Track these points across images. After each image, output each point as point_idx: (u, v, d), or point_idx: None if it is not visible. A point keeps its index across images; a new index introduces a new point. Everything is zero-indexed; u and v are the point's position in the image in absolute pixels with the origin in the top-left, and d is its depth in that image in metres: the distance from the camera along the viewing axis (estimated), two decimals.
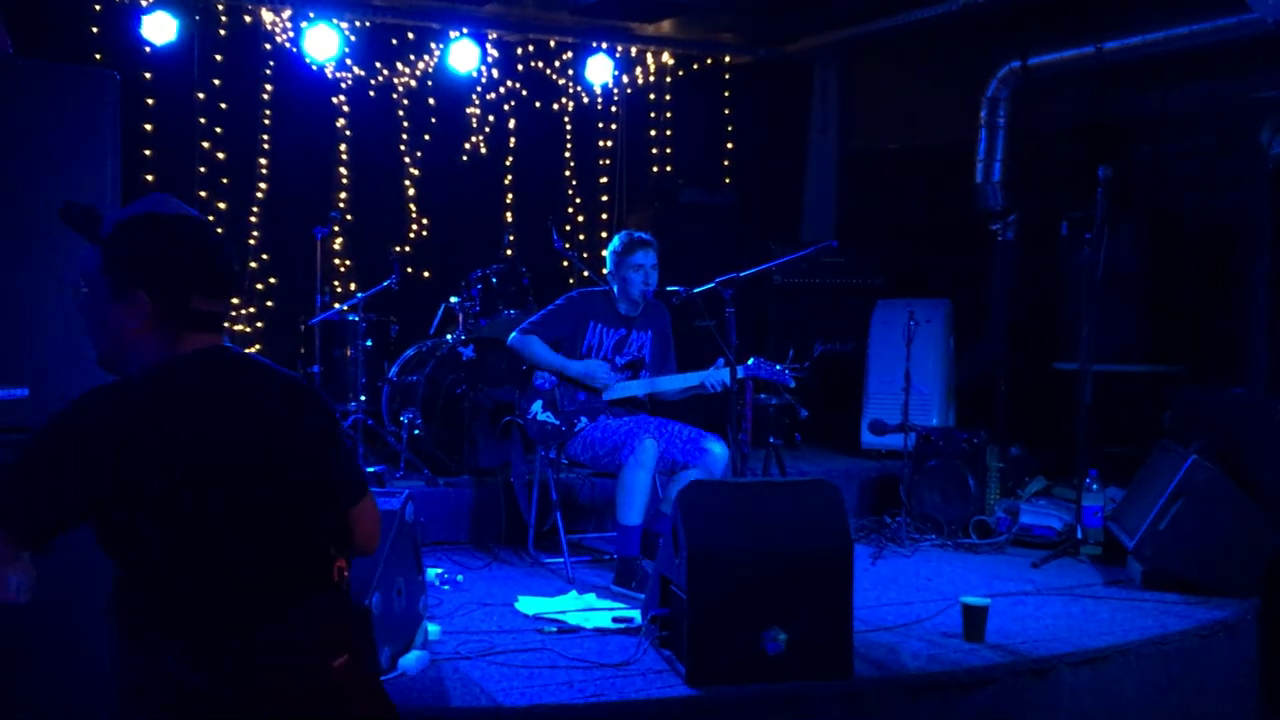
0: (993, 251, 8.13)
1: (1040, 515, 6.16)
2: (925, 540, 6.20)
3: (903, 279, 8.49)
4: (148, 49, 7.33)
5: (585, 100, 9.15)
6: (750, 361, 5.25)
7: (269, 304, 7.97)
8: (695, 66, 9.48)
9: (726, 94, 9.56)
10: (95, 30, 7.29)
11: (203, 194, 7.72)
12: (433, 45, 8.45)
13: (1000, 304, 8.09)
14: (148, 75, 7.44)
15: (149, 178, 7.38)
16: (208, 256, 2.08)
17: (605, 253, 5.59)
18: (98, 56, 7.13)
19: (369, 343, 6.91)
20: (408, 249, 8.42)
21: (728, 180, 9.46)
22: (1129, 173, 7.05)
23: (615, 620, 4.57)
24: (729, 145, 9.54)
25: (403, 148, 8.53)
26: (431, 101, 8.58)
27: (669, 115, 9.40)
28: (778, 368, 5.25)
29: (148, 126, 7.44)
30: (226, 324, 2.19)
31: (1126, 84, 7.64)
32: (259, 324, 7.94)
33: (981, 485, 6.31)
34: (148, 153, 7.42)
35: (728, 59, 9.55)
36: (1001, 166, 8.03)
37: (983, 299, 8.18)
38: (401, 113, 8.51)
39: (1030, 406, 7.62)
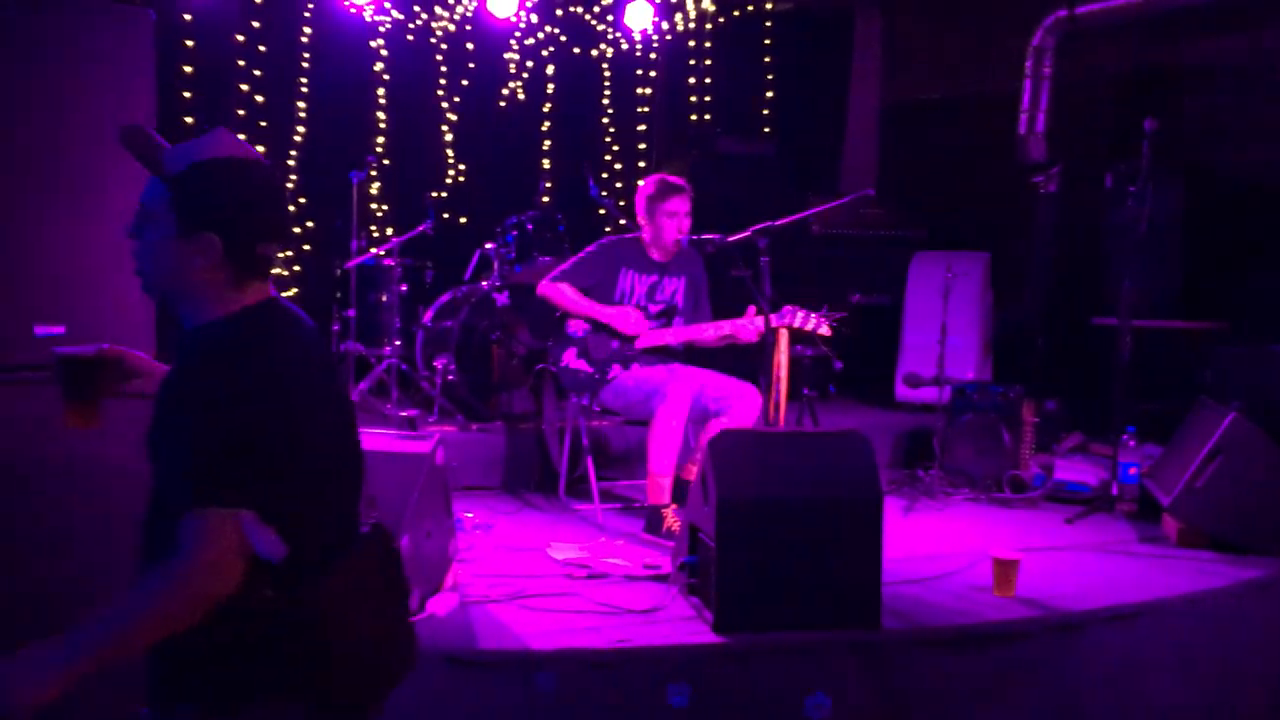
0: (1034, 204, 8.02)
1: (1075, 471, 6.12)
2: (958, 494, 6.16)
3: (941, 231, 8.40)
4: None
5: (624, 47, 9.06)
6: (784, 310, 5.21)
7: (305, 248, 8.00)
8: (736, 13, 9.36)
9: (767, 42, 9.45)
10: None
11: (241, 137, 7.68)
12: None
13: (1040, 257, 7.99)
14: (187, 17, 7.43)
15: (188, 120, 7.39)
16: (275, 202, 2.11)
17: (637, 198, 5.56)
18: None
19: (404, 288, 6.92)
20: (444, 194, 8.41)
21: (767, 130, 9.37)
22: (1175, 125, 6.91)
23: (644, 567, 4.58)
24: (769, 94, 9.44)
25: (440, 93, 8.49)
26: (470, 46, 8.53)
27: (708, 63, 9.30)
28: (812, 317, 5.21)
29: (187, 69, 7.44)
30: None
31: (1174, 34, 7.48)
32: (295, 268, 7.97)
33: (1016, 440, 6.26)
34: (187, 95, 7.43)
35: (769, 6, 9.43)
36: (1046, 118, 7.90)
37: (1022, 252, 8.08)
38: (439, 57, 8.47)
39: (1068, 361, 7.55)
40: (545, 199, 8.33)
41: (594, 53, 9.00)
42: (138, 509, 3.23)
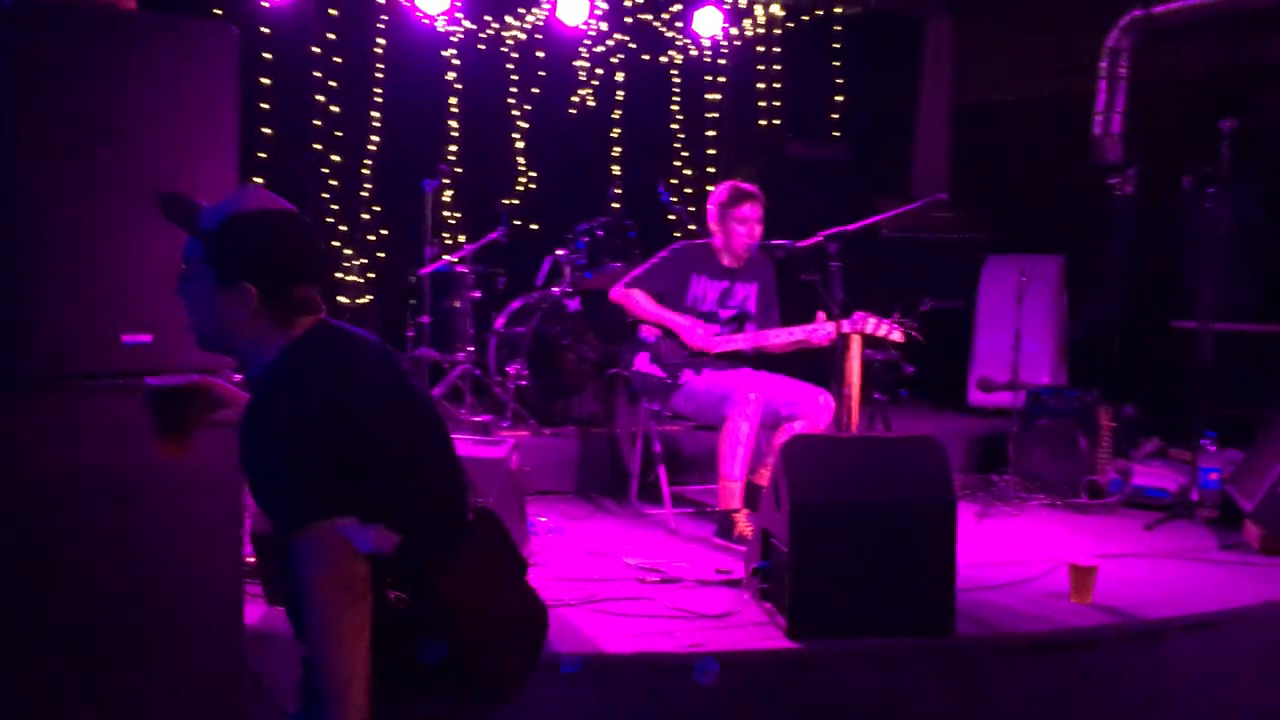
0: (1109, 206, 7.92)
1: (1154, 477, 6.03)
2: (1033, 500, 6.10)
3: (1014, 234, 8.31)
4: (266, 4, 7.45)
5: (693, 53, 9.09)
6: (856, 317, 5.19)
7: (380, 255, 8.10)
8: (805, 18, 9.34)
9: (836, 46, 9.40)
10: None
11: (317, 146, 7.85)
12: None
13: (1117, 260, 7.89)
14: (265, 30, 7.57)
15: (266, 131, 7.53)
16: (305, 246, 2.19)
17: (708, 204, 5.58)
18: (218, 12, 7.26)
19: (477, 294, 6.99)
20: (516, 201, 8.48)
21: (836, 134, 9.34)
22: (1255, 126, 6.79)
23: (716, 572, 4.60)
24: (838, 98, 9.39)
25: (511, 101, 8.56)
26: (540, 55, 8.60)
27: (778, 68, 9.29)
28: (884, 324, 5.18)
29: (265, 81, 7.57)
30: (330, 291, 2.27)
31: (1254, 33, 7.35)
32: (370, 275, 8.08)
33: (1093, 445, 6.18)
34: (265, 106, 7.56)
35: (838, 10, 9.39)
36: (1122, 119, 7.79)
37: (1098, 255, 7.97)
38: (510, 66, 8.54)
39: (1146, 365, 7.44)
40: (615, 205, 8.36)
41: (663, 59, 9.03)
42: (221, 514, 3.32)
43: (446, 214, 8.29)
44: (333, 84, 7.91)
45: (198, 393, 2.35)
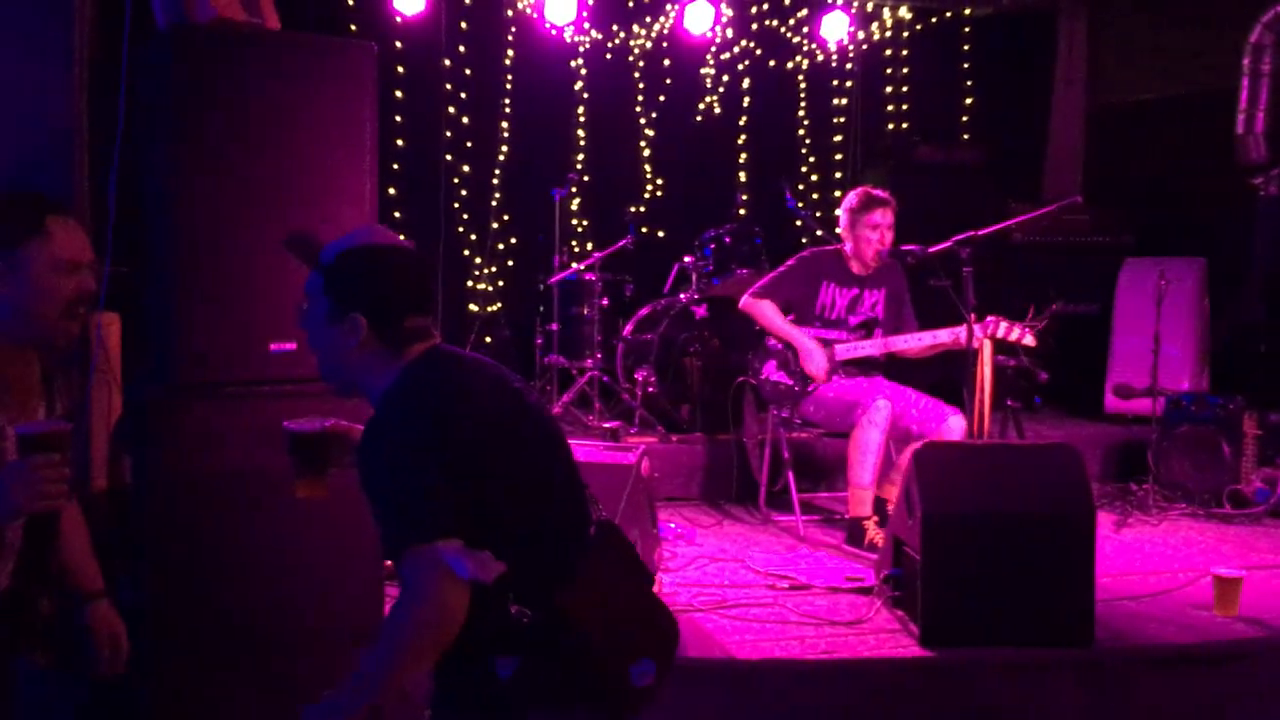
0: (1253, 207, 7.66)
1: None
2: (1174, 509, 5.94)
3: (1152, 237, 8.09)
4: (398, 19, 7.64)
5: (820, 58, 9.05)
6: (987, 321, 5.12)
7: (509, 263, 8.24)
8: (934, 20, 9.23)
9: (966, 47, 9.27)
10: (350, 2, 7.64)
11: (448, 157, 8.01)
12: (668, 6, 8.50)
13: (1261, 262, 7.62)
14: (398, 44, 7.76)
15: (399, 143, 7.71)
16: (417, 281, 2.28)
17: (839, 210, 5.56)
18: (353, 28, 7.47)
19: (605, 301, 7.07)
20: (642, 209, 8.54)
21: (966, 137, 9.21)
22: None
23: (847, 579, 4.58)
24: (968, 101, 9.27)
25: (638, 109, 8.63)
26: (666, 63, 8.65)
27: (906, 71, 9.20)
28: (1015, 328, 5.09)
29: (398, 94, 7.77)
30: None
31: None
32: (500, 283, 8.22)
33: (1237, 453, 5.99)
34: (398, 119, 7.75)
35: (968, 11, 9.25)
36: (1265, 116, 7.54)
37: (1241, 257, 7.71)
38: (637, 74, 8.61)
39: None
40: (742, 212, 8.38)
41: (789, 65, 9.01)
42: (362, 519, 3.41)
43: (574, 222, 8.39)
44: (463, 95, 8.07)
45: (334, 437, 2.43)
